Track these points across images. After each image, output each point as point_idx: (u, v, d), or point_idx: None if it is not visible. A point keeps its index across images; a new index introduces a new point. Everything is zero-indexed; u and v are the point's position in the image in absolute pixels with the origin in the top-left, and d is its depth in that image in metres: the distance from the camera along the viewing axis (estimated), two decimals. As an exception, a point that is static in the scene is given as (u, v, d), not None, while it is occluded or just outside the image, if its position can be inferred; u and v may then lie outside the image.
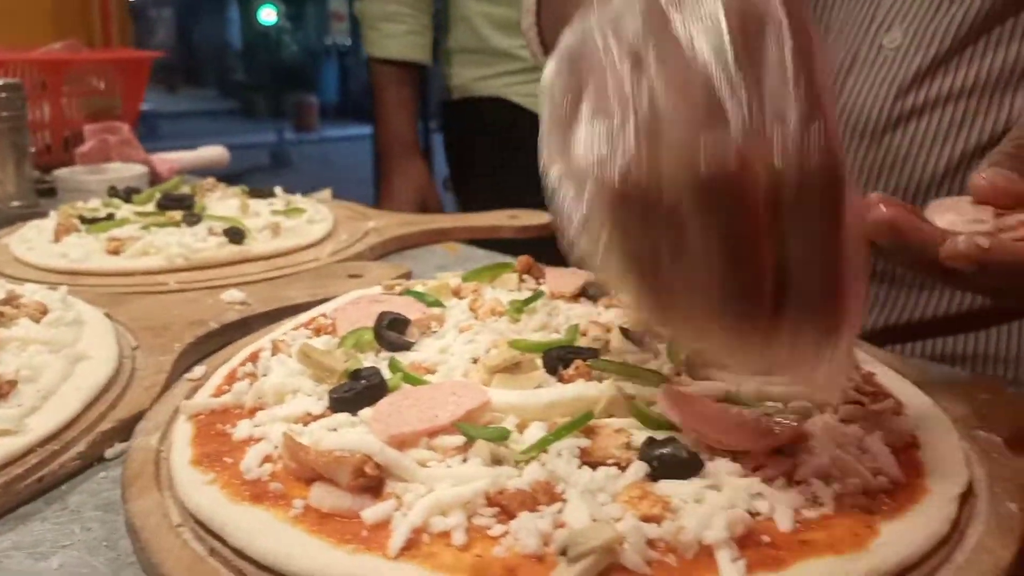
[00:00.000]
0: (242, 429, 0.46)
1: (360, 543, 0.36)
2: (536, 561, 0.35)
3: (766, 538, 0.37)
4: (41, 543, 0.42)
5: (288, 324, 0.65)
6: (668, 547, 0.36)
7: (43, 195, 1.27)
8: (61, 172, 1.23)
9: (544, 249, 0.60)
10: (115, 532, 0.43)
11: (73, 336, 0.61)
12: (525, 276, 0.71)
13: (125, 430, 0.52)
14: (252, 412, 0.49)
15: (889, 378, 0.55)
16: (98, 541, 0.43)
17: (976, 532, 0.40)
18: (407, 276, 0.86)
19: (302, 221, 0.98)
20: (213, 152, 1.59)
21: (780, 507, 0.38)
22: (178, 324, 0.69)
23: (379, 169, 1.79)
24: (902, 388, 0.54)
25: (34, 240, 0.90)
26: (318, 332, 0.59)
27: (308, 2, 11.14)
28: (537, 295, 0.65)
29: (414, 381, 0.49)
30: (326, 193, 1.68)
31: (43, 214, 1.06)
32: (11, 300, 0.64)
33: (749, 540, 0.36)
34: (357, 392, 0.46)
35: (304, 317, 0.66)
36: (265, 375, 0.52)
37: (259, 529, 0.38)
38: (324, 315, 0.64)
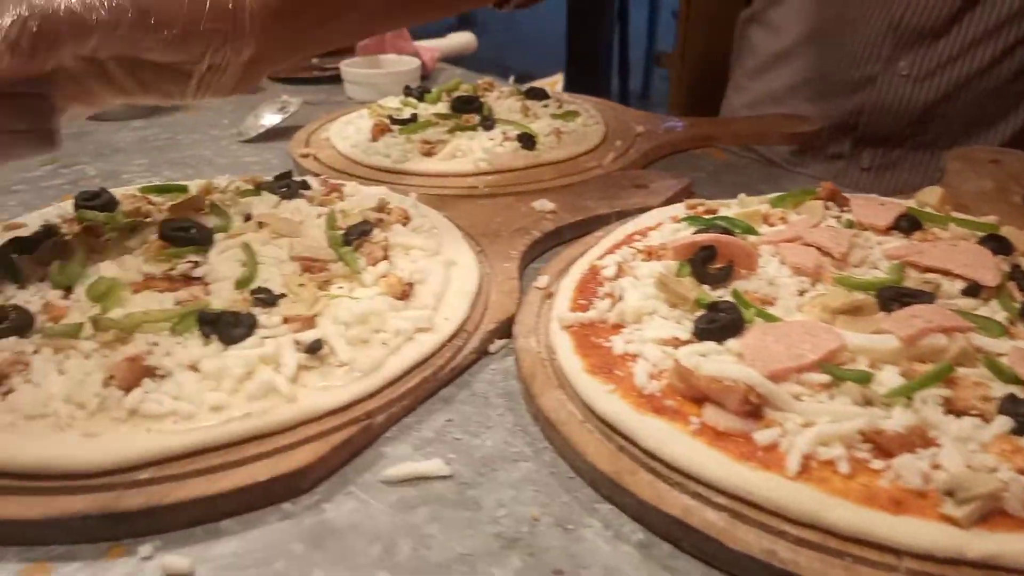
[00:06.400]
0: (618, 345, 0.55)
1: (757, 461, 0.44)
2: (918, 496, 0.41)
3: None
4: (469, 423, 0.54)
5: (605, 241, 0.72)
6: (1043, 499, 0.41)
7: (327, 82, 1.41)
8: (345, 65, 1.35)
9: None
10: (522, 419, 0.55)
11: (436, 242, 0.72)
12: (829, 204, 0.74)
13: (501, 330, 0.63)
14: (614, 328, 0.58)
15: None
16: (512, 425, 0.54)
17: None
18: (689, 187, 0.91)
19: (579, 124, 1.05)
20: (462, 38, 1.67)
21: None
22: (505, 231, 0.79)
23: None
24: None
25: (354, 138, 1.03)
26: (649, 255, 0.66)
27: None
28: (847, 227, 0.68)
29: (767, 318, 0.55)
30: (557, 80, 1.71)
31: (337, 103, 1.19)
32: (383, 207, 0.76)
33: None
34: (721, 325, 0.53)
35: (619, 235, 0.73)
36: (621, 296, 0.60)
37: (666, 437, 0.47)
38: (639, 235, 0.71)
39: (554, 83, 1.78)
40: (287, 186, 0.78)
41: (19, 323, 0.54)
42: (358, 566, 0.43)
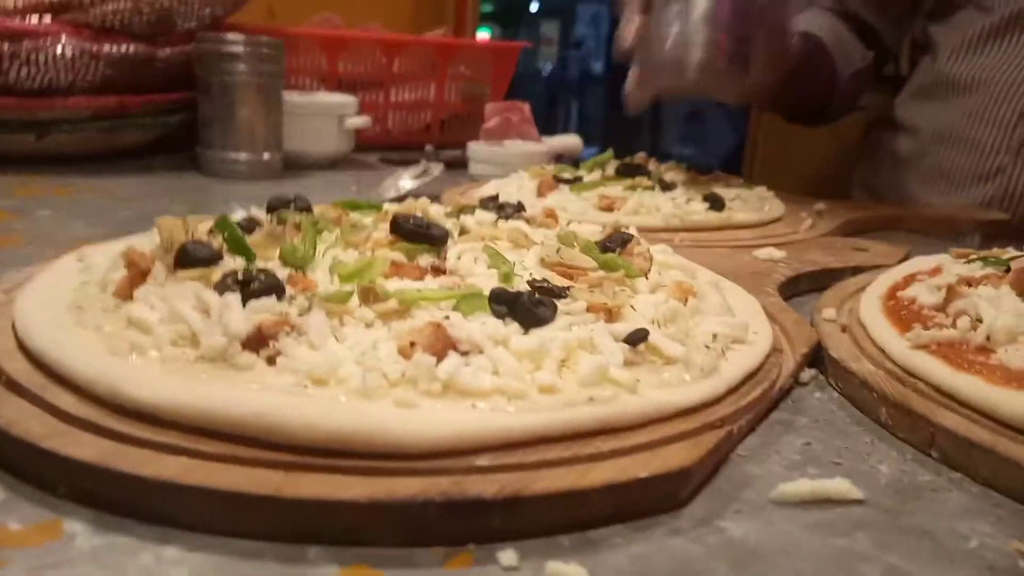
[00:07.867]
0: (1014, 361, 0.44)
1: None
2: None
3: None
4: (836, 448, 0.42)
5: (882, 280, 0.63)
6: None
7: (451, 167, 1.36)
8: (472, 146, 1.31)
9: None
10: (901, 447, 0.42)
11: (690, 265, 0.62)
12: None
13: (810, 356, 0.52)
14: (982, 350, 0.47)
15: None
16: (896, 453, 0.42)
17: None
18: (908, 255, 0.83)
19: (754, 196, 0.98)
20: (570, 140, 1.65)
21: None
22: (743, 273, 0.69)
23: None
24: None
25: (516, 195, 0.95)
26: (969, 284, 0.56)
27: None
28: None
29: None
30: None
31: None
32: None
33: None
34: None
35: (896, 276, 0.63)
36: (978, 317, 0.49)
37: None
38: (924, 275, 0.62)
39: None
40: (502, 207, 0.69)
41: (270, 285, 0.43)
42: (827, 596, 0.29)
